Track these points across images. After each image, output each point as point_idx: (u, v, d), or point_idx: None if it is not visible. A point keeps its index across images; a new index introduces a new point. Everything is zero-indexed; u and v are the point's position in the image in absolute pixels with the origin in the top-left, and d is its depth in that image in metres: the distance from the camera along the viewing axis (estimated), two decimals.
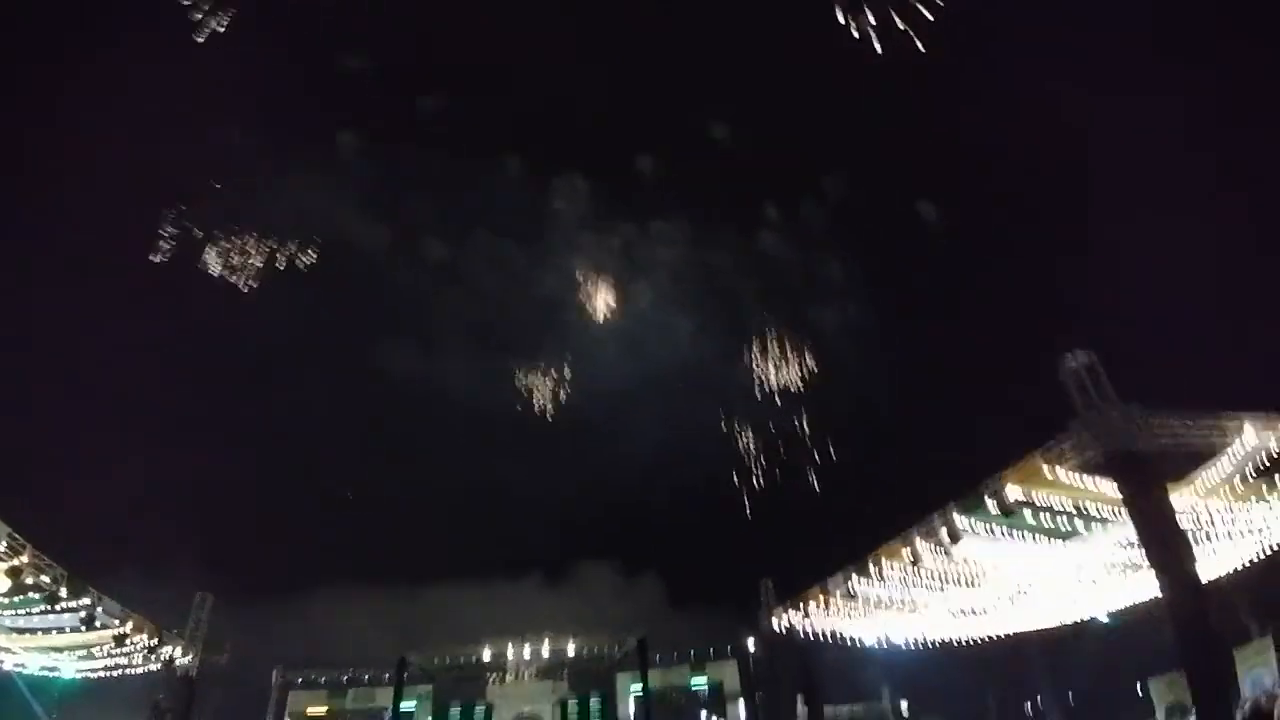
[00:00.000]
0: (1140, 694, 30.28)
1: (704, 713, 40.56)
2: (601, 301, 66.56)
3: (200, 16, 48.68)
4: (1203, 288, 42.40)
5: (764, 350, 65.85)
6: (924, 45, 50.32)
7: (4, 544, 18.46)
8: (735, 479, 63.42)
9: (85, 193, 49.03)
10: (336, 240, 62.92)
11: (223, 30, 49.31)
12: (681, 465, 60.96)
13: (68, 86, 47.20)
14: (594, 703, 37.87)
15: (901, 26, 51.34)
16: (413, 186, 64.77)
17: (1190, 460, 18.59)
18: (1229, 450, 18.56)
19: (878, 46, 52.15)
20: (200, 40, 48.91)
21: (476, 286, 69.07)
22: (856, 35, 53.25)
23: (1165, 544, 16.77)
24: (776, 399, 64.67)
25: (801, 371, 64.67)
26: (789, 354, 65.29)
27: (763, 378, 65.39)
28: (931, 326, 57.06)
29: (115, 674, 28.44)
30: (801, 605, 31.25)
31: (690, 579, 54.53)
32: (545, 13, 59.23)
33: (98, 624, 23.44)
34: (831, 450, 62.36)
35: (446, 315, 70.56)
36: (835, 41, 52.69)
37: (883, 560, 24.90)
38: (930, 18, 49.76)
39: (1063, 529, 21.00)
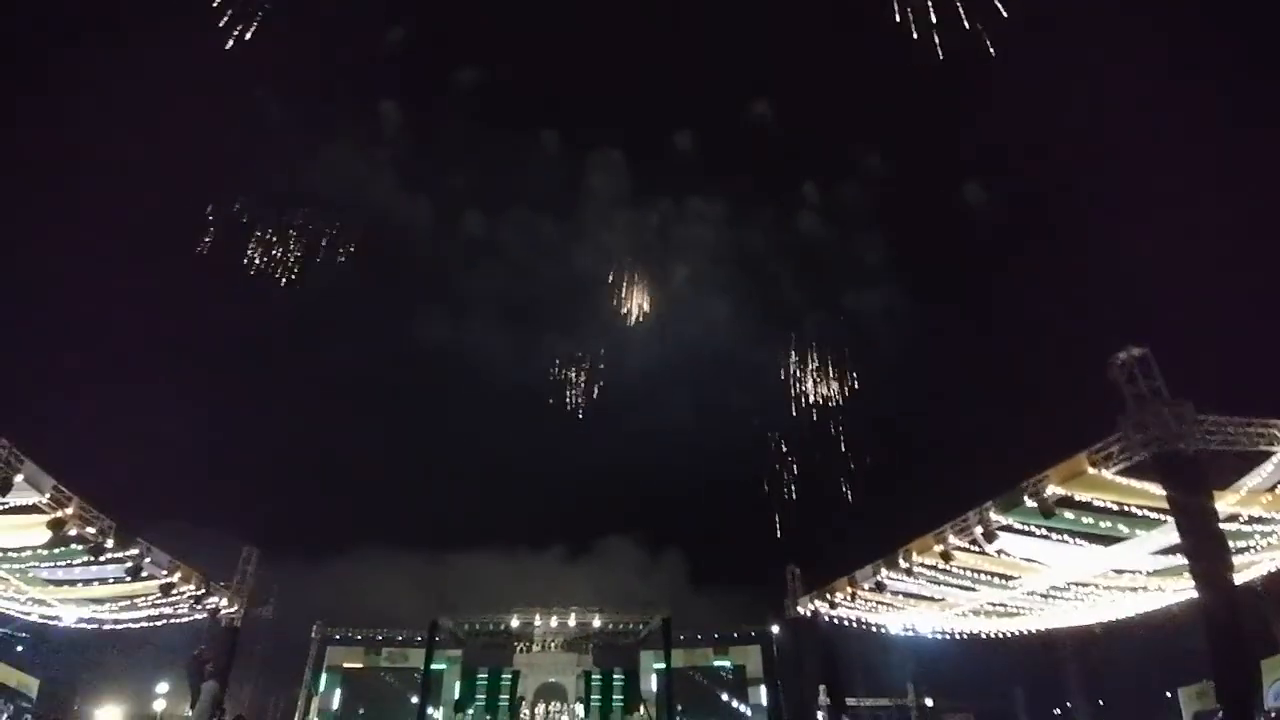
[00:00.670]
0: (1171, 701, 29.70)
1: (725, 695, 40.77)
2: (635, 301, 66.18)
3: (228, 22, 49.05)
4: (1260, 284, 40.71)
5: (803, 363, 64.77)
6: (993, 47, 48.70)
7: (48, 496, 18.68)
8: (766, 486, 63.10)
9: (145, 172, 50.46)
10: (378, 214, 63.98)
11: (249, 37, 49.86)
12: (712, 446, 61.05)
13: (113, 72, 48.16)
14: (617, 678, 38.31)
15: (969, 25, 49.76)
16: (451, 161, 65.43)
17: (1236, 464, 17.98)
18: (1275, 457, 17.91)
19: (939, 50, 50.56)
20: (229, 45, 49.48)
21: (513, 261, 69.66)
22: (915, 35, 51.57)
23: (1207, 550, 16.32)
24: (814, 414, 63.75)
25: (841, 387, 63.48)
26: (829, 367, 64.16)
27: (800, 390, 64.49)
28: (978, 317, 55.70)
29: (159, 624, 29.05)
30: (828, 595, 31.08)
31: (717, 559, 54.79)
32: None
33: (144, 574, 23.81)
34: (867, 457, 61.75)
35: (482, 289, 71.40)
36: (883, 25, 51.46)
37: (914, 555, 24.63)
38: (1005, 15, 47.93)
39: (1102, 531, 20.52)
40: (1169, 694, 29.86)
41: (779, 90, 63.18)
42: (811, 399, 63.97)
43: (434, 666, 36.69)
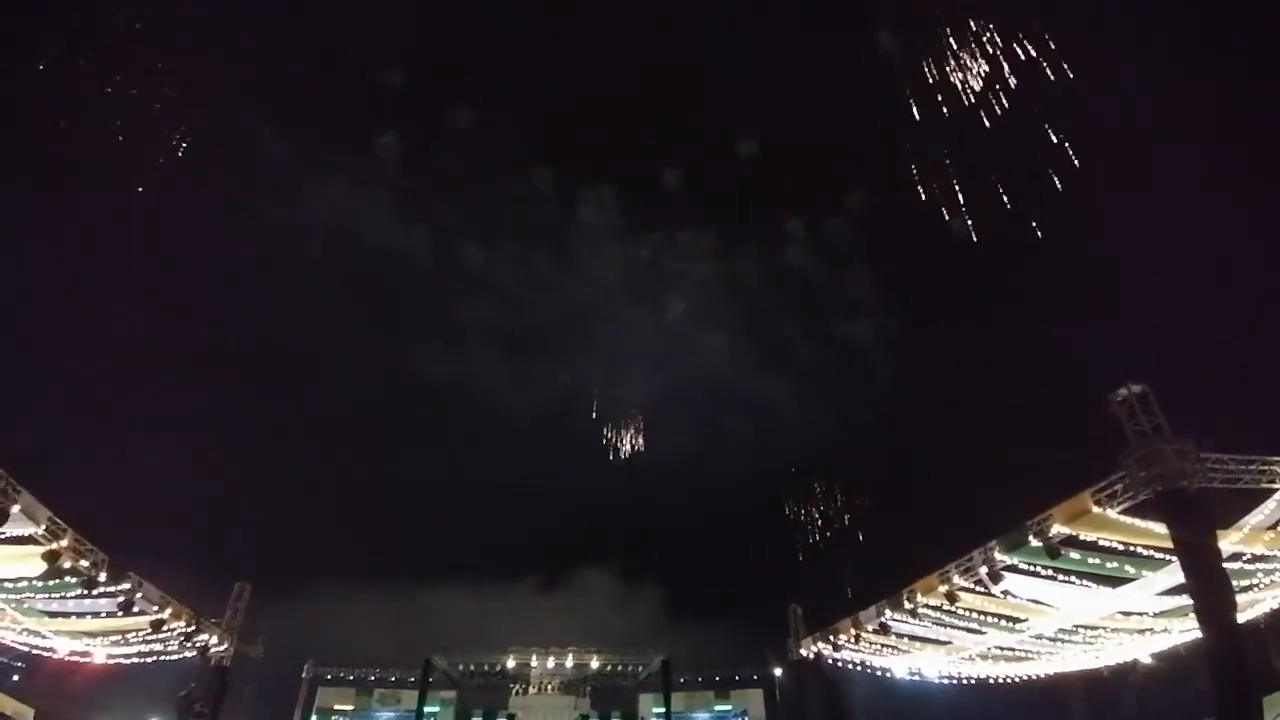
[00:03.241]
0: None
1: None
2: (627, 437, 66.77)
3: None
4: (1260, 320, 40.71)
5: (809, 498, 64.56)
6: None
7: (44, 528, 18.65)
8: (771, 524, 62.32)
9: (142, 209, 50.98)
10: (372, 247, 64.67)
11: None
12: (711, 480, 60.68)
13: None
14: None
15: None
16: (447, 197, 66.29)
17: (1239, 502, 17.80)
18: (1277, 494, 17.72)
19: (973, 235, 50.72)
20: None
21: (506, 294, 70.44)
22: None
23: (1211, 589, 16.07)
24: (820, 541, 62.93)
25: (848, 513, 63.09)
26: (835, 496, 63.98)
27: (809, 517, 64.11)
28: (980, 355, 55.59)
29: (149, 660, 28.55)
30: (832, 636, 30.56)
31: (716, 599, 54.03)
32: (581, 29, 59.93)
33: (136, 609, 23.61)
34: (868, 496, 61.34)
35: (474, 321, 71.80)
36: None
37: (918, 595, 24.27)
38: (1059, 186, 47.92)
39: (1109, 571, 20.20)
40: None
41: (767, 129, 64.18)
42: (820, 525, 63.83)
43: (427, 709, 35.97)
